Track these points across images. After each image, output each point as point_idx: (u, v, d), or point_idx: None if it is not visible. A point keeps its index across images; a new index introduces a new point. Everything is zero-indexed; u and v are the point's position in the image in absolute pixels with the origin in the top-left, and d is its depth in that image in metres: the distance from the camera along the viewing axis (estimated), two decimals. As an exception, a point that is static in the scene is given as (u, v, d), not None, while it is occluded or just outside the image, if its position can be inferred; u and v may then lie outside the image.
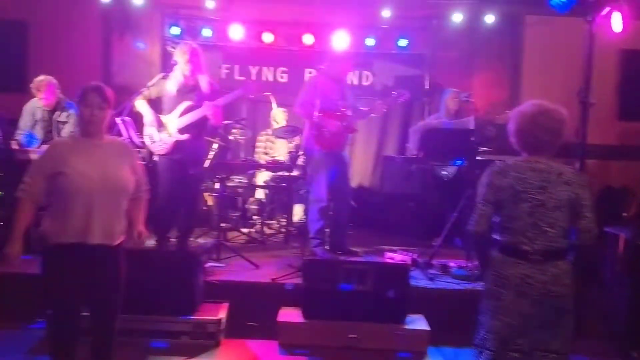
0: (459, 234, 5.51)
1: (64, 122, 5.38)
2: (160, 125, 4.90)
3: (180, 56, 4.87)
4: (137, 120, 5.05)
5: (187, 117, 4.86)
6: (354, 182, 7.13)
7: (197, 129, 4.94)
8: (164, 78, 4.91)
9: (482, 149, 5.41)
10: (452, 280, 4.66)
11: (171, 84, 4.91)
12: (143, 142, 5.12)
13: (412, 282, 4.33)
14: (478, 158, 5.24)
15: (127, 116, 4.87)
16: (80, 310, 3.01)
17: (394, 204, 6.84)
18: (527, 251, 2.74)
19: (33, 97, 5.44)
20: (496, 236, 2.83)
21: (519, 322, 2.75)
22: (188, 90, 4.91)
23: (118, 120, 4.74)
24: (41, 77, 5.33)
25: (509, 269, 2.77)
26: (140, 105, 4.92)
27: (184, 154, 4.88)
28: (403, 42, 7.11)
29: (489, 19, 6.98)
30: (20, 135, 5.39)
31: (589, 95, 4.25)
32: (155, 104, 5.00)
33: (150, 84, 4.92)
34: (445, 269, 4.88)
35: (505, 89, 7.15)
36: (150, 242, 4.82)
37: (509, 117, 2.96)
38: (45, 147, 4.99)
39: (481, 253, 2.92)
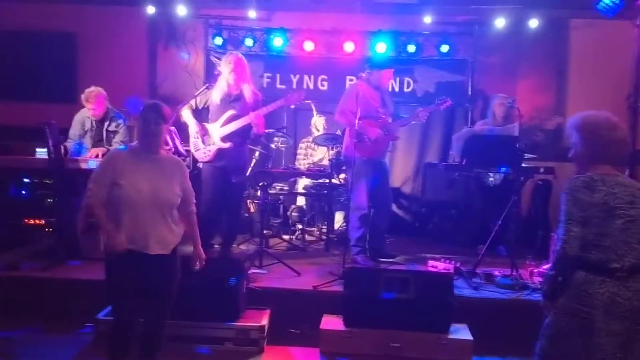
0: (503, 242, 5.44)
1: (114, 132, 5.54)
2: (205, 134, 4.98)
3: (225, 66, 4.95)
4: (182, 129, 5.16)
5: (230, 126, 4.93)
6: (395, 189, 7.09)
7: (240, 138, 5.01)
8: (208, 88, 5.02)
9: (527, 155, 5.33)
10: (496, 290, 4.59)
11: (216, 94, 4.99)
12: (188, 151, 5.24)
13: (456, 291, 4.27)
14: (523, 165, 5.17)
15: (172, 126, 4.97)
16: (138, 315, 3.22)
17: (436, 212, 6.79)
18: (616, 268, 2.59)
19: (82, 107, 5.60)
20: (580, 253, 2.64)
21: (606, 341, 2.59)
22: (232, 99, 4.98)
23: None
24: (91, 89, 5.49)
25: (596, 288, 2.60)
26: (186, 115, 5.01)
27: (227, 162, 4.95)
28: (445, 48, 7.07)
29: (533, 23, 6.87)
30: (70, 144, 5.56)
31: (638, 101, 4.13)
32: (200, 114, 5.10)
33: (196, 94, 5.04)
34: (489, 277, 4.81)
35: (550, 95, 7.02)
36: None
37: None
38: (96, 155, 5.24)
39: (567, 276, 2.68)
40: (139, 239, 3.12)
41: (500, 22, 6.87)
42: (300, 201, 6.71)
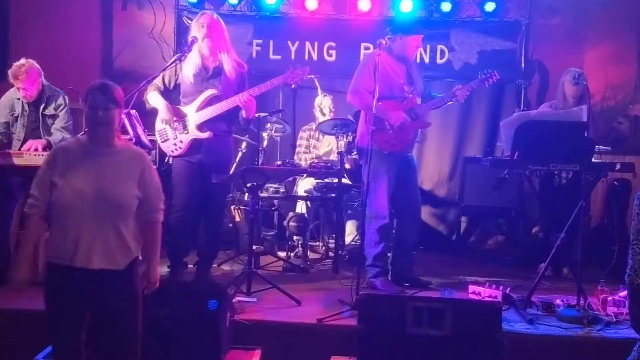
0: (567, 261, 5.41)
1: (53, 116, 5.43)
2: (176, 121, 5.00)
3: (196, 30, 4.96)
4: (146, 114, 5.16)
5: (209, 110, 4.94)
6: (424, 191, 7.11)
7: (223, 125, 5.02)
8: (180, 60, 5.00)
9: (599, 148, 5.30)
10: (557, 324, 4.56)
11: (188, 68, 4.99)
12: (153, 141, 5.26)
13: (505, 326, 4.24)
14: (594, 160, 5.16)
15: (133, 109, 4.98)
16: (83, 350, 3.23)
17: (478, 221, 6.80)
18: None
19: (12, 86, 5.54)
20: None
21: None
22: (210, 75, 4.98)
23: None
24: (21, 62, 5.32)
25: None
26: (152, 98, 5.02)
27: (205, 156, 4.97)
28: (490, 6, 7.07)
29: (606, -26, 6.87)
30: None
31: None
32: (171, 94, 5.11)
33: (164, 68, 5.03)
34: (548, 308, 4.78)
35: (629, 67, 7.00)
36: (163, 270, 4.88)
37: None
38: (35, 149, 5.22)
39: None
40: (80, 253, 3.15)
41: (563, -27, 6.89)
42: (301, 207, 6.72)
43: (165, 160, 5.30)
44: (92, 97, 3.22)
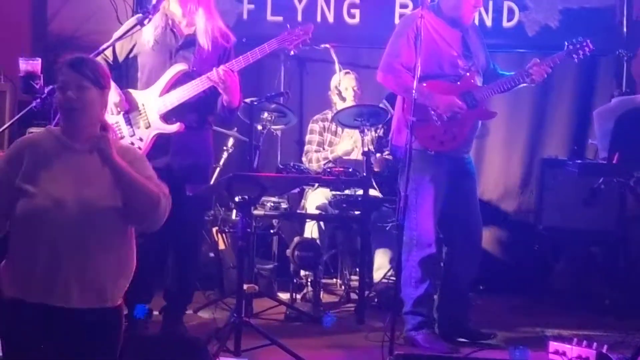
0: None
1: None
2: (133, 109, 5.01)
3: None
4: None
5: (177, 93, 4.96)
6: (486, 207, 7.06)
7: (198, 114, 5.05)
8: (142, 24, 4.95)
9: None
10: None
11: (148, 34, 5.01)
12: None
13: (601, 400, 4.24)
14: None
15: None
16: None
17: (562, 249, 6.81)
18: None
19: None
20: None
21: None
22: (180, 44, 5.01)
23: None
24: None
25: None
26: None
27: (175, 159, 5.00)
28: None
29: None
30: None
31: None
32: (125, 71, 5.14)
33: (117, 35, 5.01)
34: (663, 374, 4.75)
35: None
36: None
37: None
38: None
39: None
40: (58, 286, 3.17)
41: None
42: (312, 230, 6.68)
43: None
44: (61, 76, 3.26)
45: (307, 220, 6.67)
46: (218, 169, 6.62)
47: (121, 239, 3.32)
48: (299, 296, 6.44)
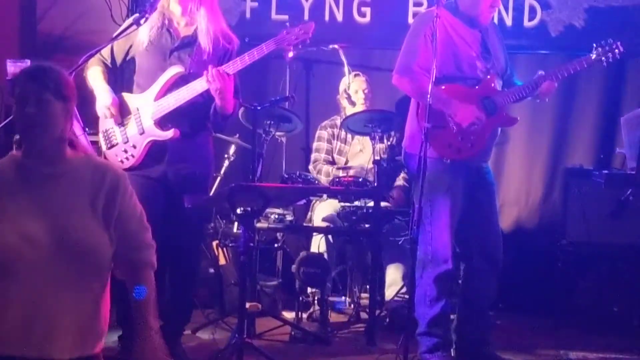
0: None
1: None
2: (127, 114, 5.01)
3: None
4: (88, 103, 5.10)
5: (173, 97, 4.94)
6: (506, 220, 7.11)
7: (194, 119, 5.03)
8: (139, 24, 4.95)
9: None
10: None
11: (144, 34, 5.01)
12: (96, 146, 5.23)
13: None
14: None
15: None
16: None
17: (588, 266, 6.74)
18: None
19: None
20: None
21: None
22: (178, 45, 5.02)
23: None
24: None
25: None
26: (93, 75, 5.05)
27: (171, 168, 4.99)
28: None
29: None
30: None
31: None
32: (121, 74, 5.16)
33: (115, 35, 5.00)
34: None
35: None
36: (110, 340, 4.92)
37: None
38: None
39: None
40: (35, 335, 3.02)
41: None
42: (319, 244, 6.66)
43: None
44: (18, 88, 3.11)
45: (314, 233, 6.64)
46: (219, 178, 6.64)
47: (100, 276, 3.17)
48: (305, 315, 6.37)
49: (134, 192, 3.28)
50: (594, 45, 5.35)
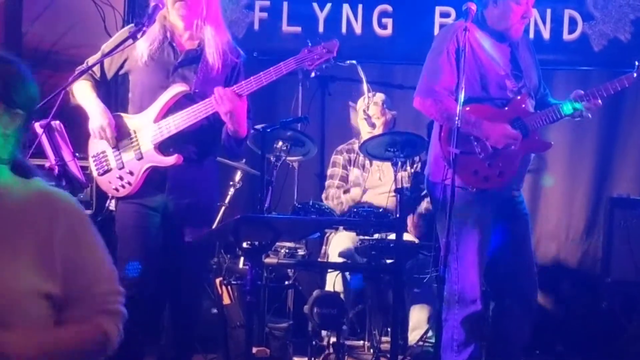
0: None
1: None
2: (123, 137, 5.03)
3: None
4: (78, 124, 5.17)
5: (176, 119, 4.97)
6: (543, 256, 7.13)
7: (199, 144, 5.07)
8: (134, 38, 4.89)
9: None
10: None
11: (143, 48, 5.01)
12: (85, 172, 5.29)
13: None
14: None
15: (55, 118, 4.97)
16: None
17: (636, 305, 6.78)
18: None
19: None
20: None
21: None
22: (180, 61, 5.04)
23: (37, 126, 4.86)
24: None
25: None
26: (82, 91, 5.05)
27: (172, 198, 5.01)
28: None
29: None
30: None
31: None
32: (115, 90, 5.21)
33: (105, 48, 5.06)
34: None
35: None
36: None
37: None
38: None
39: None
40: None
41: None
42: (334, 282, 6.61)
43: (106, 206, 5.28)
44: None
45: (329, 270, 6.62)
46: (223, 208, 6.68)
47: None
48: (320, 360, 6.42)
49: (91, 225, 2.79)
50: (636, 62, 5.33)
